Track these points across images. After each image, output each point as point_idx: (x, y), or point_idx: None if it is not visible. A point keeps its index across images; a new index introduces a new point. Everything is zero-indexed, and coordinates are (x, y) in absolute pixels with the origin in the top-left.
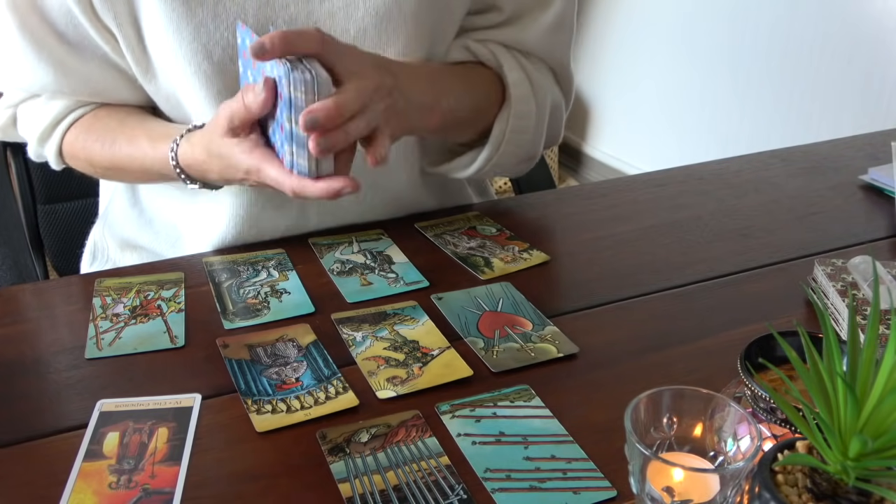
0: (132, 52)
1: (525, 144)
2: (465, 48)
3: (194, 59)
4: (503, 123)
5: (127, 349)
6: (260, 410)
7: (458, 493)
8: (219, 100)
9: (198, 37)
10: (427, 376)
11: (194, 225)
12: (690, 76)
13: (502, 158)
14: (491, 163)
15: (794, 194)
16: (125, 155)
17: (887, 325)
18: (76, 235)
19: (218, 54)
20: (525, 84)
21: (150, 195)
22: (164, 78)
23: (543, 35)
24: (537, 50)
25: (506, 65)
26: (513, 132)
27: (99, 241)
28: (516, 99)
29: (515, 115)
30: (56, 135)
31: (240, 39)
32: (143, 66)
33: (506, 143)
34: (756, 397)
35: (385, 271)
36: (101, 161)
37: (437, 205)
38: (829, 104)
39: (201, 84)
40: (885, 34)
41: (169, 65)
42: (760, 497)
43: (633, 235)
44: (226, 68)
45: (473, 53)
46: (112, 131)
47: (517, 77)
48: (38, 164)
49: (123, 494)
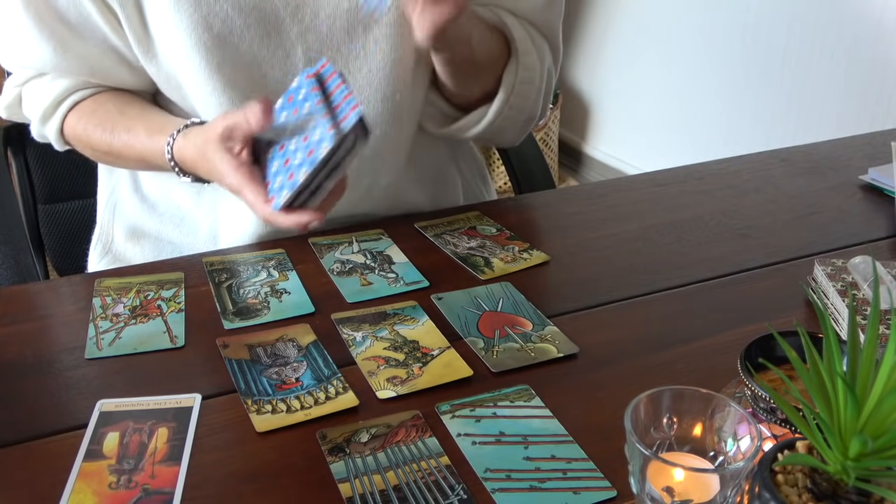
0: (133, 30)
1: (531, 96)
2: (470, 14)
3: (195, 32)
4: (512, 75)
5: (127, 349)
6: (260, 410)
7: (458, 493)
8: (219, 73)
9: (198, 8)
10: (427, 376)
11: (199, 207)
12: (690, 76)
13: (511, 112)
14: (501, 116)
15: (794, 194)
16: (123, 143)
17: (887, 325)
18: (76, 235)
19: (218, 26)
20: (528, 41)
21: (152, 180)
22: (165, 56)
23: (540, 5)
24: (534, 18)
25: (509, 23)
26: (521, 83)
27: (105, 230)
28: (522, 52)
29: (523, 66)
30: (58, 115)
31: (296, 83)
32: (145, 44)
33: (514, 95)
34: (756, 397)
35: (385, 271)
36: (100, 146)
37: (428, 199)
38: (829, 104)
39: (202, 57)
40: (885, 34)
41: (170, 40)
42: (760, 497)
43: (633, 235)
44: (225, 40)
45: (478, 16)
46: (112, 118)
47: (522, 34)
48: (39, 164)
49: (123, 494)
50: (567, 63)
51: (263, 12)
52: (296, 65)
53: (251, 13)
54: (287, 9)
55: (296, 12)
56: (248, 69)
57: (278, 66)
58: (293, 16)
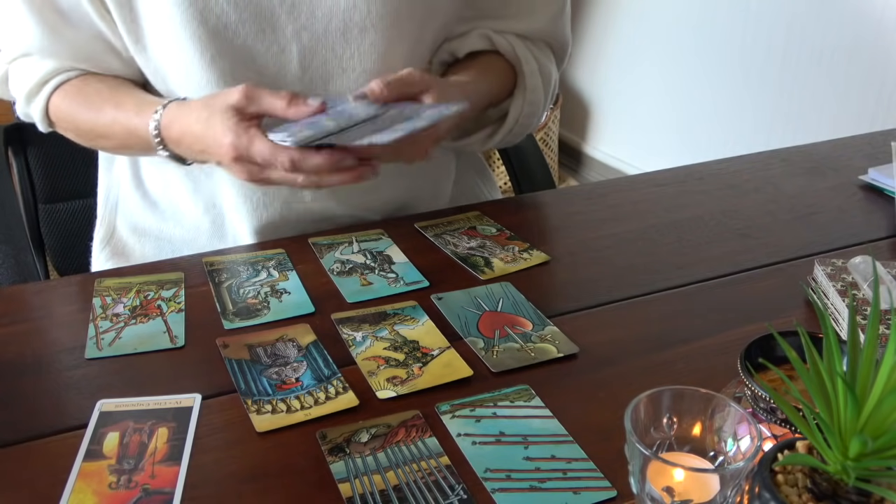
0: (124, 21)
1: (536, 120)
2: (485, 38)
3: (189, 25)
4: (517, 110)
5: (127, 349)
6: (260, 410)
7: (458, 493)
8: (213, 67)
9: (194, 2)
10: (427, 376)
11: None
12: (690, 76)
13: (514, 136)
14: (505, 140)
15: (794, 194)
16: (110, 118)
17: (887, 325)
18: (77, 235)
19: (213, 21)
20: (537, 75)
21: (153, 177)
22: (156, 48)
23: (550, 22)
24: (545, 35)
25: (522, 58)
26: (526, 116)
27: (107, 223)
28: (530, 89)
29: (529, 102)
30: (43, 94)
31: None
32: (135, 35)
33: (519, 125)
34: (756, 397)
35: (385, 271)
36: (85, 125)
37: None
38: (829, 104)
39: (196, 49)
40: (885, 34)
41: (163, 32)
42: (760, 497)
43: (633, 235)
44: (220, 35)
45: (493, 43)
46: (101, 96)
47: (532, 68)
48: (40, 163)
49: (123, 494)
50: (567, 63)
51: (259, 8)
52: (290, 61)
53: (246, 8)
54: (283, 6)
55: (291, 10)
56: (243, 63)
57: (272, 63)
58: (289, 13)
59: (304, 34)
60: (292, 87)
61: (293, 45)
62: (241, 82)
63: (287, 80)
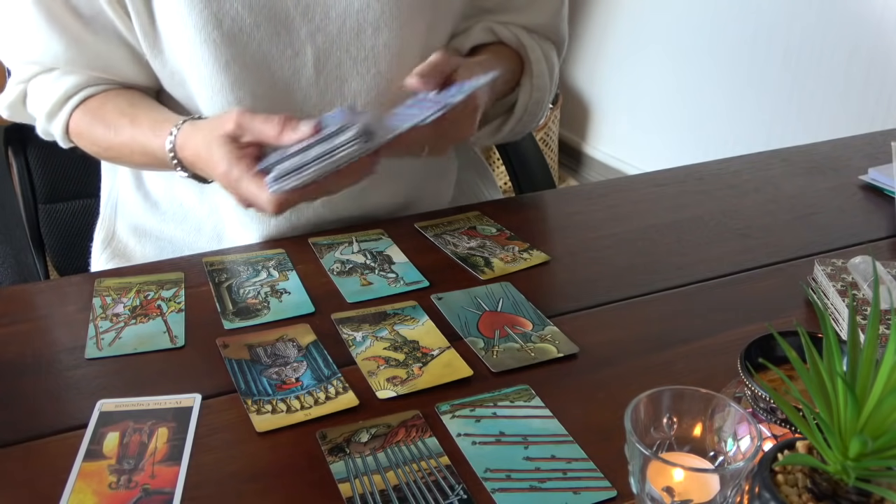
0: (141, 23)
1: (542, 111)
2: (489, 30)
3: (204, 29)
4: (526, 96)
5: (127, 349)
6: (260, 410)
7: (458, 493)
8: (227, 71)
9: (208, 5)
10: (427, 376)
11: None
12: (690, 76)
13: (522, 126)
14: (514, 131)
15: (794, 194)
16: (127, 136)
17: (887, 325)
18: (77, 235)
19: (227, 24)
20: (542, 62)
21: (155, 178)
22: (172, 51)
23: (552, 17)
24: (546, 30)
25: (527, 45)
26: (534, 103)
27: (108, 224)
28: (537, 74)
29: (536, 87)
30: (64, 111)
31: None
32: (151, 38)
33: (528, 113)
34: (756, 397)
35: (385, 271)
36: (102, 142)
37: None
38: (829, 104)
39: (210, 53)
40: (885, 34)
41: (178, 35)
42: (760, 497)
43: (633, 235)
44: (235, 38)
45: (496, 35)
46: (118, 113)
47: (538, 55)
48: (40, 163)
49: (123, 494)
50: (567, 63)
51: (273, 11)
52: (305, 64)
53: (261, 11)
54: (297, 8)
55: (306, 11)
56: (257, 68)
57: (287, 66)
58: (303, 15)
59: (318, 35)
60: (307, 91)
61: (308, 47)
62: (255, 87)
63: (301, 84)
